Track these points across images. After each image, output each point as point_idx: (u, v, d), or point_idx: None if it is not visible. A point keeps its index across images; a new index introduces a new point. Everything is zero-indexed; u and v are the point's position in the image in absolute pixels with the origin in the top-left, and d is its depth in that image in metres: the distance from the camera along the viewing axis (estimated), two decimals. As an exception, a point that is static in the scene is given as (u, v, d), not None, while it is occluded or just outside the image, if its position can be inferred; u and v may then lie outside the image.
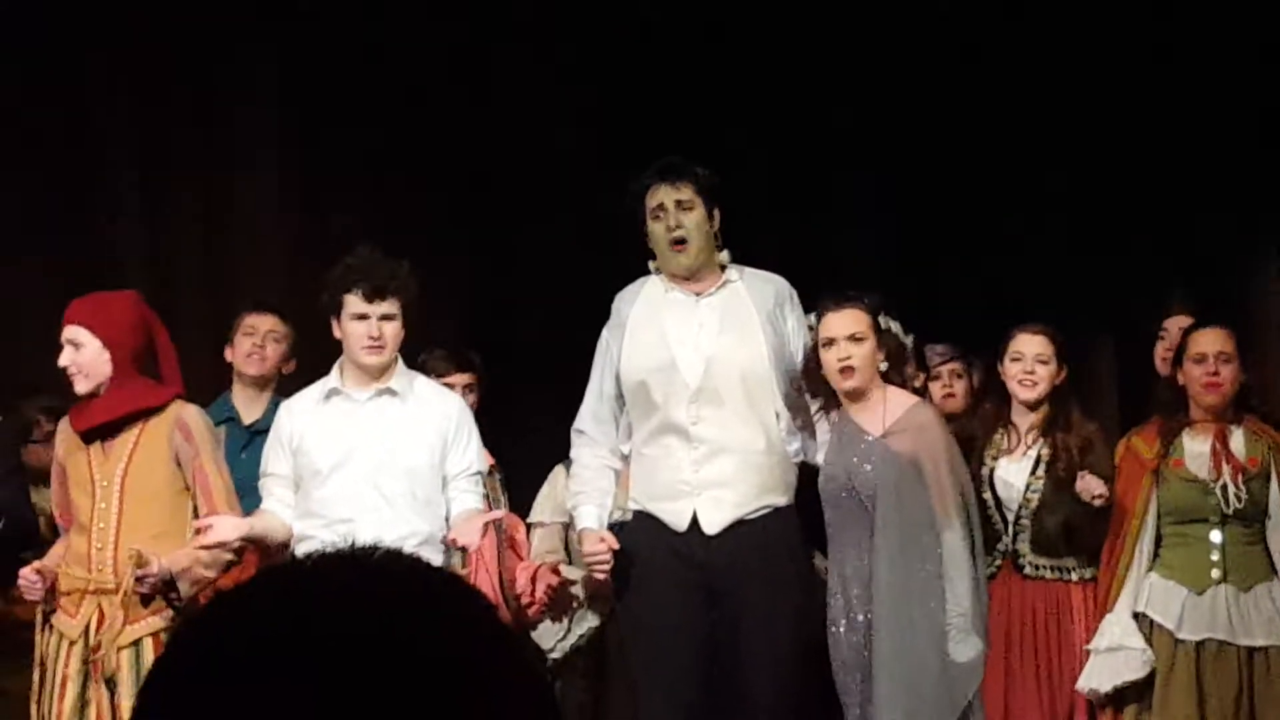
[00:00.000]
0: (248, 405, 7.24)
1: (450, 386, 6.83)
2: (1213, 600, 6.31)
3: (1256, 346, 7.68)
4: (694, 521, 6.09)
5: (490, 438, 6.53)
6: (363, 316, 6.24)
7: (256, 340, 7.27)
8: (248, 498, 6.43)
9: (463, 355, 7.22)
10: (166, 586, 6.11)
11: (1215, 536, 6.36)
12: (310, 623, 1.26)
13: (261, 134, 8.71)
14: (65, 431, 6.39)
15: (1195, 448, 6.45)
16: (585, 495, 6.26)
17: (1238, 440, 6.45)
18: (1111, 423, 7.34)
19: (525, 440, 7.54)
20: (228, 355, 7.35)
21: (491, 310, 8.67)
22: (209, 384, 7.33)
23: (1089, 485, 6.40)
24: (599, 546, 6.07)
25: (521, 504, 7.16)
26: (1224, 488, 6.37)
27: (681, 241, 6.18)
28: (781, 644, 6.02)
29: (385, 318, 6.24)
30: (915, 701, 5.96)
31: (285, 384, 7.19)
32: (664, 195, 6.21)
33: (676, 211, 6.19)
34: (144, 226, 8.65)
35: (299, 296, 6.71)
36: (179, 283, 8.59)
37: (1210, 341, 6.47)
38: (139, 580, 6.04)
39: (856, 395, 6.19)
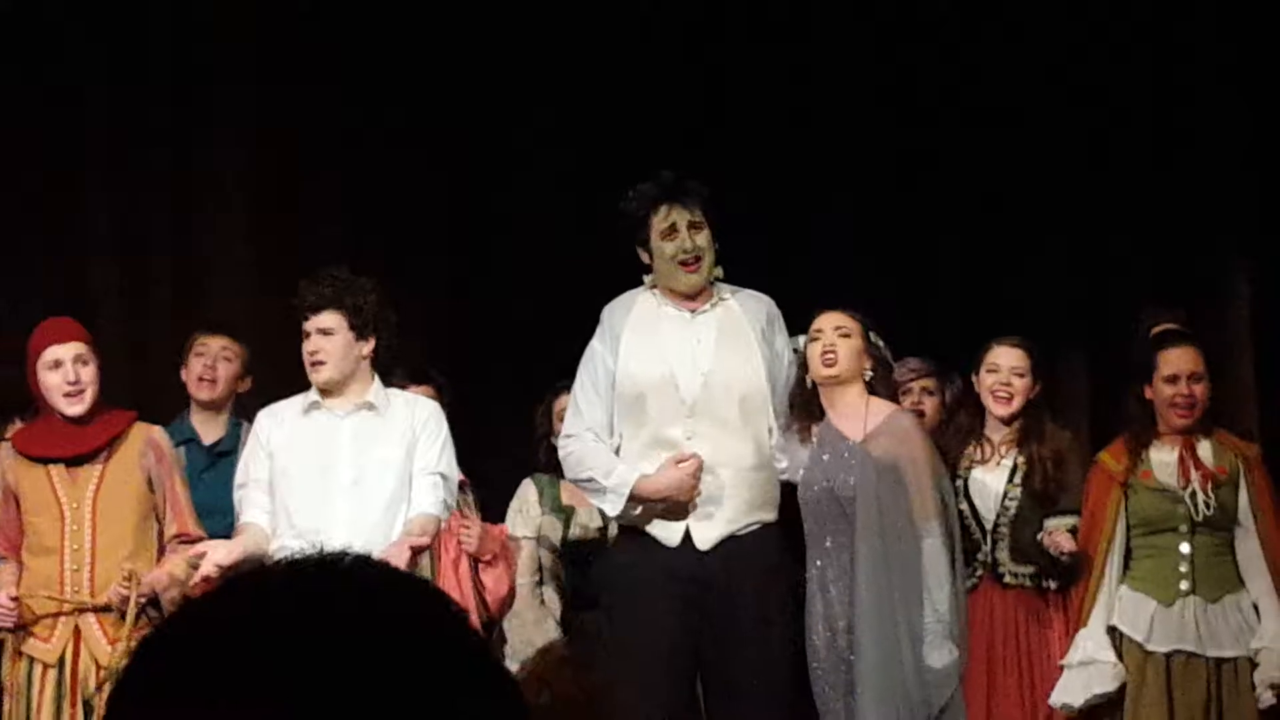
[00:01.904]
0: (205, 426, 7.18)
1: None
2: (1181, 612, 6.32)
3: (1226, 359, 7.71)
4: (686, 537, 6.10)
5: (461, 454, 6.53)
6: (306, 334, 6.26)
7: (207, 361, 7.18)
8: (211, 519, 6.44)
9: (420, 369, 7.19)
10: (151, 605, 6.13)
11: (1184, 547, 6.37)
12: (277, 629, 1.26)
13: (234, 157, 8.68)
14: (11, 457, 6.37)
15: (1162, 457, 6.46)
16: (607, 465, 6.17)
17: (1206, 450, 6.46)
18: (1083, 436, 7.34)
19: (497, 457, 7.55)
20: (183, 376, 7.29)
21: (462, 325, 8.65)
22: (181, 406, 7.32)
23: (1058, 542, 6.41)
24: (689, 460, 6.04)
25: (494, 520, 7.16)
26: (1193, 495, 6.37)
27: (695, 260, 6.20)
28: (775, 657, 6.05)
29: (323, 332, 6.22)
30: (893, 706, 5.97)
31: (243, 403, 7.17)
32: (676, 216, 6.22)
33: (689, 233, 6.21)
34: (115, 256, 8.61)
35: (273, 319, 6.68)
36: (149, 307, 8.55)
37: (1183, 362, 6.47)
38: (124, 599, 6.05)
39: (837, 391, 6.21)
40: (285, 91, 8.59)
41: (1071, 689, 6.34)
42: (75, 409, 6.26)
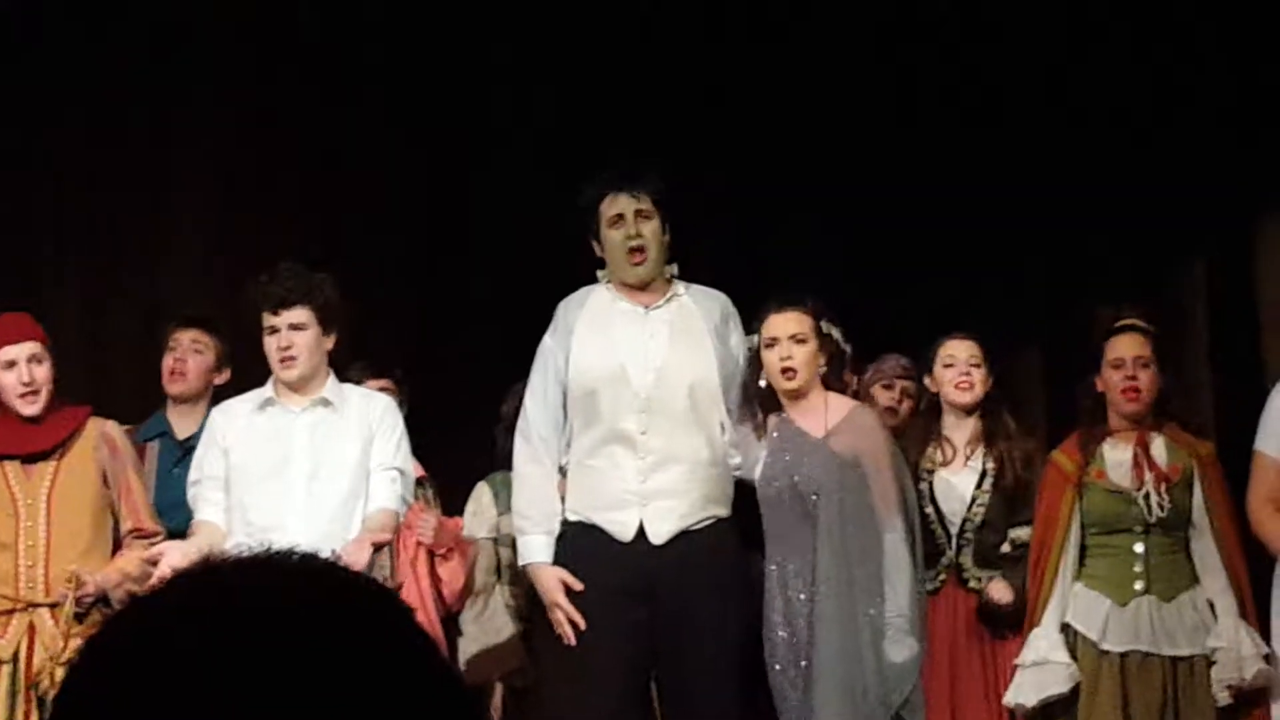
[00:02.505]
0: (181, 420, 7.17)
1: None
2: (1136, 611, 6.33)
3: (1182, 356, 7.73)
4: (640, 531, 6.10)
5: (421, 449, 6.52)
6: (273, 330, 6.24)
7: (178, 354, 7.17)
8: (180, 513, 6.42)
9: (379, 363, 7.18)
10: (100, 603, 6.11)
11: (1138, 547, 6.38)
12: (221, 627, 1.26)
13: (198, 151, 8.65)
14: None
15: (1116, 457, 6.48)
16: (533, 522, 6.23)
17: (1159, 448, 6.47)
18: (1039, 434, 7.36)
19: (457, 451, 7.54)
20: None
21: (424, 320, 8.64)
22: (142, 404, 7.30)
23: (997, 594, 6.42)
24: (564, 602, 6.06)
25: (453, 514, 7.16)
26: (1146, 496, 6.38)
27: (640, 250, 6.18)
28: (728, 654, 6.04)
29: (294, 327, 6.21)
30: (853, 701, 5.98)
31: (221, 395, 7.15)
32: (624, 204, 6.21)
33: (636, 220, 6.19)
34: (76, 245, 8.59)
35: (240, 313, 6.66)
36: (112, 304, 8.53)
37: (1128, 347, 6.49)
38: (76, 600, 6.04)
39: (797, 397, 6.22)
40: (253, 81, 8.56)
41: (1025, 689, 6.35)
42: (30, 409, 6.25)
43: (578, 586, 6.07)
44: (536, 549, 6.21)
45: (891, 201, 8.69)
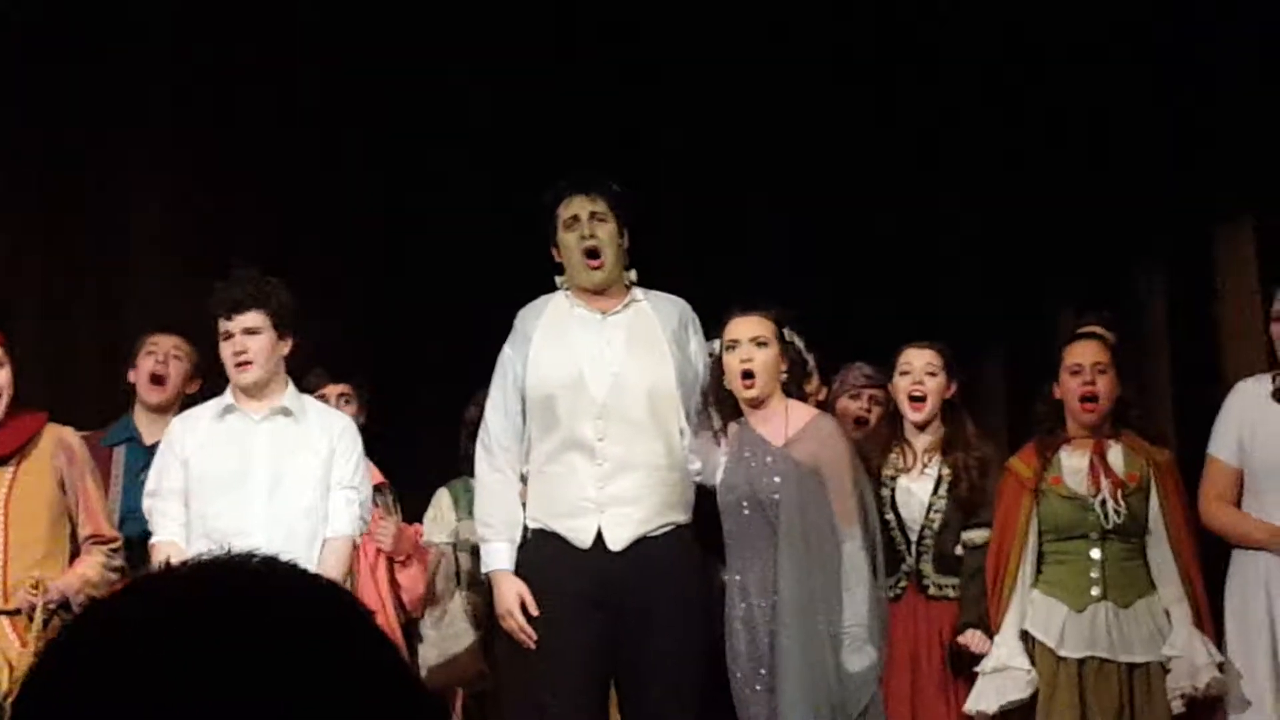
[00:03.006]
0: (150, 426, 7.14)
1: (324, 398, 6.83)
2: (1093, 618, 6.35)
3: (1143, 360, 7.76)
4: (598, 538, 6.10)
5: (383, 455, 6.52)
6: (228, 335, 6.24)
7: (159, 358, 7.18)
8: (145, 520, 6.41)
9: (338, 368, 7.17)
10: (62, 609, 6.09)
11: (1095, 554, 6.40)
12: (182, 631, 1.26)
13: (157, 153, 8.62)
14: None
15: (1073, 464, 6.50)
16: (495, 530, 6.24)
17: (1116, 455, 6.50)
18: (1000, 441, 7.37)
19: (418, 457, 7.54)
20: (130, 377, 7.26)
21: (385, 326, 8.63)
22: (102, 410, 7.28)
23: (976, 646, 6.43)
24: (518, 612, 6.08)
25: (414, 521, 7.17)
26: (1103, 503, 6.40)
27: (595, 254, 6.19)
28: (686, 661, 6.04)
29: (248, 331, 6.21)
30: (813, 709, 5.98)
31: (190, 404, 7.13)
32: (579, 206, 6.23)
33: (590, 223, 6.21)
34: (38, 250, 8.55)
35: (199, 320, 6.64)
36: (73, 307, 8.50)
37: (1085, 353, 6.52)
38: (31, 606, 6.02)
39: (757, 404, 6.22)
40: (208, 88, 8.54)
41: (985, 695, 6.36)
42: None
43: (534, 610, 6.08)
44: (498, 557, 6.21)
45: (855, 210, 8.70)
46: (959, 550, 6.57)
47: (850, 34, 8.73)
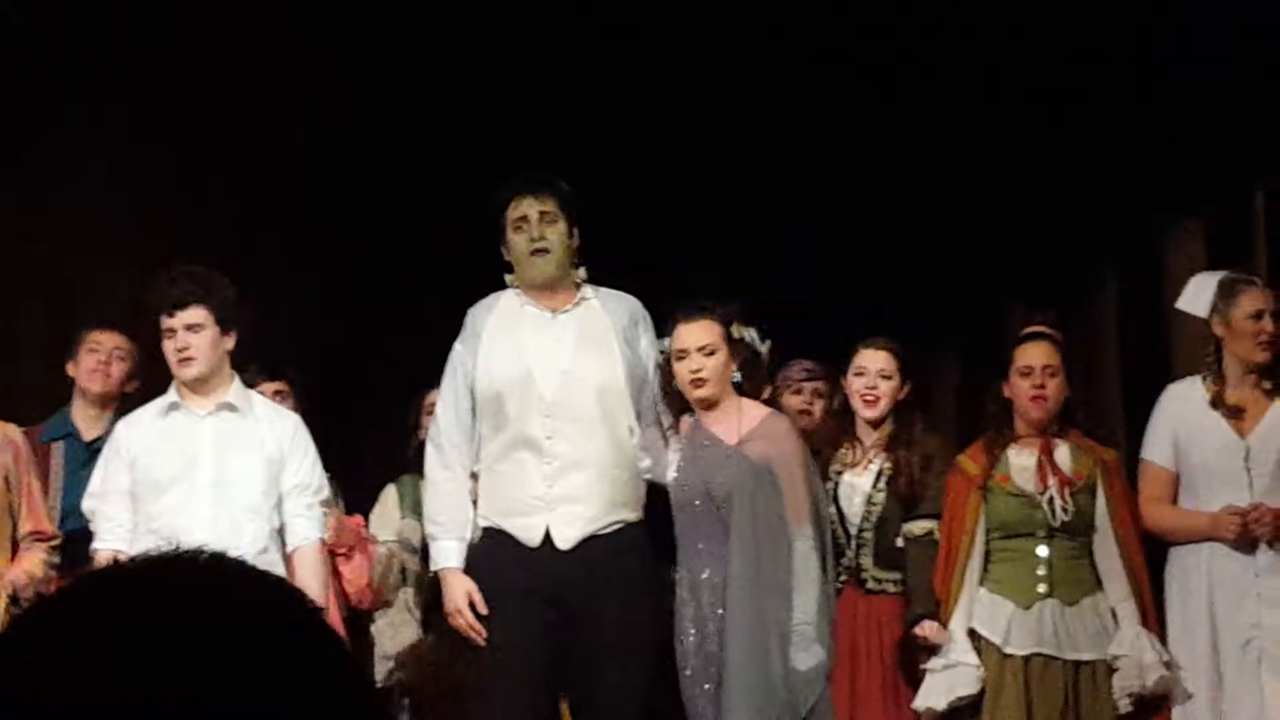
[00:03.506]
0: (89, 423, 7.13)
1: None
2: (1039, 615, 6.38)
3: (1092, 359, 7.79)
4: (547, 537, 6.09)
5: (327, 449, 6.50)
6: (170, 332, 6.21)
7: (101, 357, 7.14)
8: (85, 518, 6.39)
9: (272, 364, 7.14)
10: (11, 602, 6.08)
11: (1042, 551, 6.44)
12: (130, 627, 1.25)
13: (103, 154, 8.58)
14: None
15: (1021, 462, 6.53)
16: (445, 529, 6.25)
17: (1064, 454, 6.53)
18: (952, 437, 7.39)
19: (363, 451, 7.52)
20: (70, 371, 7.22)
21: (334, 320, 8.60)
22: (45, 406, 7.25)
23: (930, 633, 6.44)
24: (466, 609, 6.08)
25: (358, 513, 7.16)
26: (1050, 501, 6.44)
27: (543, 251, 6.20)
28: (636, 659, 6.05)
29: (191, 327, 6.20)
30: (761, 707, 5.99)
31: (127, 403, 7.11)
32: (527, 207, 6.24)
33: (540, 223, 6.22)
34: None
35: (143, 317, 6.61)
36: (19, 303, 8.45)
37: (1036, 355, 6.56)
38: None
39: (709, 405, 6.23)
40: (165, 85, 8.50)
41: (935, 691, 6.39)
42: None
43: (482, 608, 6.08)
44: (448, 554, 6.22)
45: (809, 204, 8.71)
46: (899, 542, 6.58)
47: (807, 31, 8.73)
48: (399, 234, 8.73)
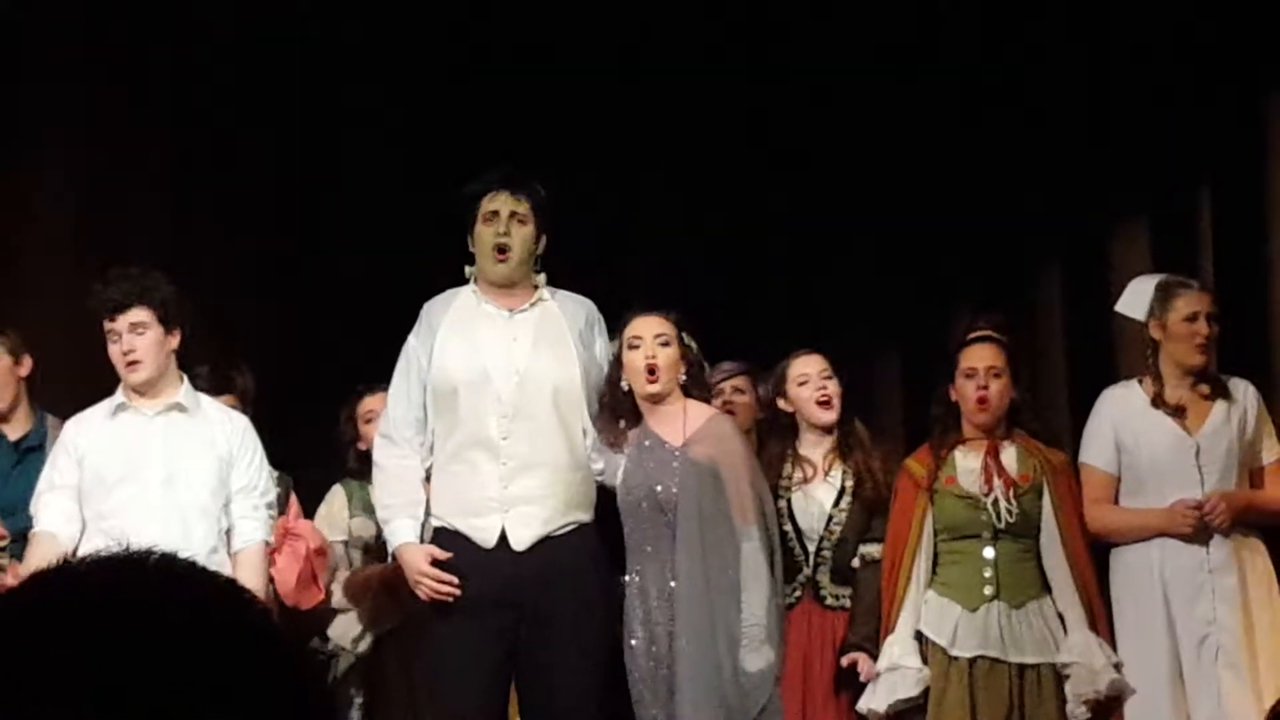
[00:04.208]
0: (10, 422, 7.04)
1: None
2: (985, 617, 6.40)
3: (1038, 360, 7.82)
4: (502, 537, 6.09)
5: (269, 447, 6.48)
6: (115, 335, 6.19)
7: None
8: (20, 515, 6.36)
9: (223, 374, 7.08)
10: None
11: (988, 553, 6.46)
12: (78, 627, 1.26)
13: (52, 155, 8.51)
14: None
15: (967, 464, 6.55)
16: (397, 509, 6.22)
17: (1010, 456, 6.56)
18: (897, 441, 7.41)
19: (307, 451, 7.49)
20: None
21: (280, 316, 8.56)
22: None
23: (861, 668, 6.45)
24: (428, 569, 6.05)
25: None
26: (995, 502, 6.46)
27: (504, 250, 6.19)
28: (589, 660, 6.05)
29: (135, 328, 6.18)
30: (711, 709, 6.00)
31: (43, 393, 7.02)
32: (501, 203, 6.24)
33: (509, 221, 6.22)
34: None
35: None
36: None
37: (980, 357, 6.58)
38: None
39: (658, 401, 6.24)
40: (109, 86, 8.45)
41: (876, 694, 6.40)
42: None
43: (442, 556, 6.06)
44: (403, 532, 6.20)
45: (746, 209, 8.71)
46: (855, 563, 6.59)
47: (742, 26, 8.73)
48: (344, 228, 8.68)
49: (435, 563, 6.10)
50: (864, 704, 6.41)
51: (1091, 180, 8.30)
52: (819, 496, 6.63)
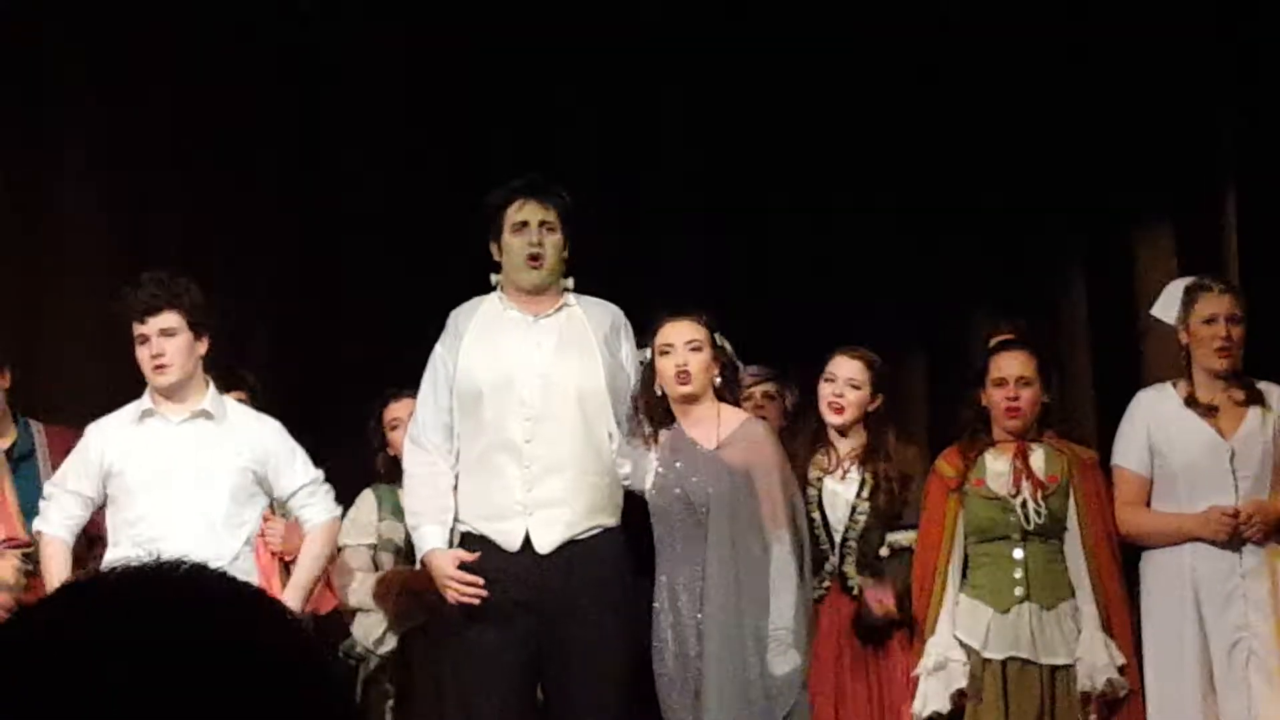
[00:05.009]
0: None
1: None
2: (1016, 619, 6.39)
3: (1064, 361, 7.80)
4: (526, 541, 6.09)
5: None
6: (143, 339, 6.19)
7: None
8: (27, 521, 6.36)
9: (232, 372, 7.10)
10: None
11: (1017, 554, 6.45)
12: (113, 636, 1.25)
13: (77, 165, 8.52)
14: None
15: (996, 466, 6.54)
16: (425, 515, 6.24)
17: (1038, 458, 6.54)
18: (922, 442, 7.39)
19: (336, 457, 7.49)
20: None
21: (309, 328, 8.57)
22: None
23: (877, 598, 6.45)
24: (456, 573, 6.05)
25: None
26: (1023, 504, 6.46)
27: (539, 258, 6.20)
28: (613, 663, 6.06)
29: (164, 332, 6.18)
30: (739, 712, 6.00)
31: (20, 399, 6.99)
32: (530, 212, 6.25)
33: (539, 230, 6.23)
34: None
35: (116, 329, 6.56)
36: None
37: (1011, 365, 6.57)
38: None
39: (690, 402, 6.24)
40: (129, 95, 8.46)
41: (935, 694, 6.37)
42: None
43: (469, 559, 6.06)
44: (431, 538, 6.21)
45: (776, 212, 8.70)
46: (884, 552, 6.59)
47: (769, 29, 8.72)
48: (364, 239, 8.67)
49: (463, 566, 6.10)
50: (920, 709, 6.37)
51: (1118, 183, 8.28)
52: (843, 490, 6.63)
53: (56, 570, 6.07)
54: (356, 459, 7.29)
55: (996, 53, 8.46)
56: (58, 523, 6.20)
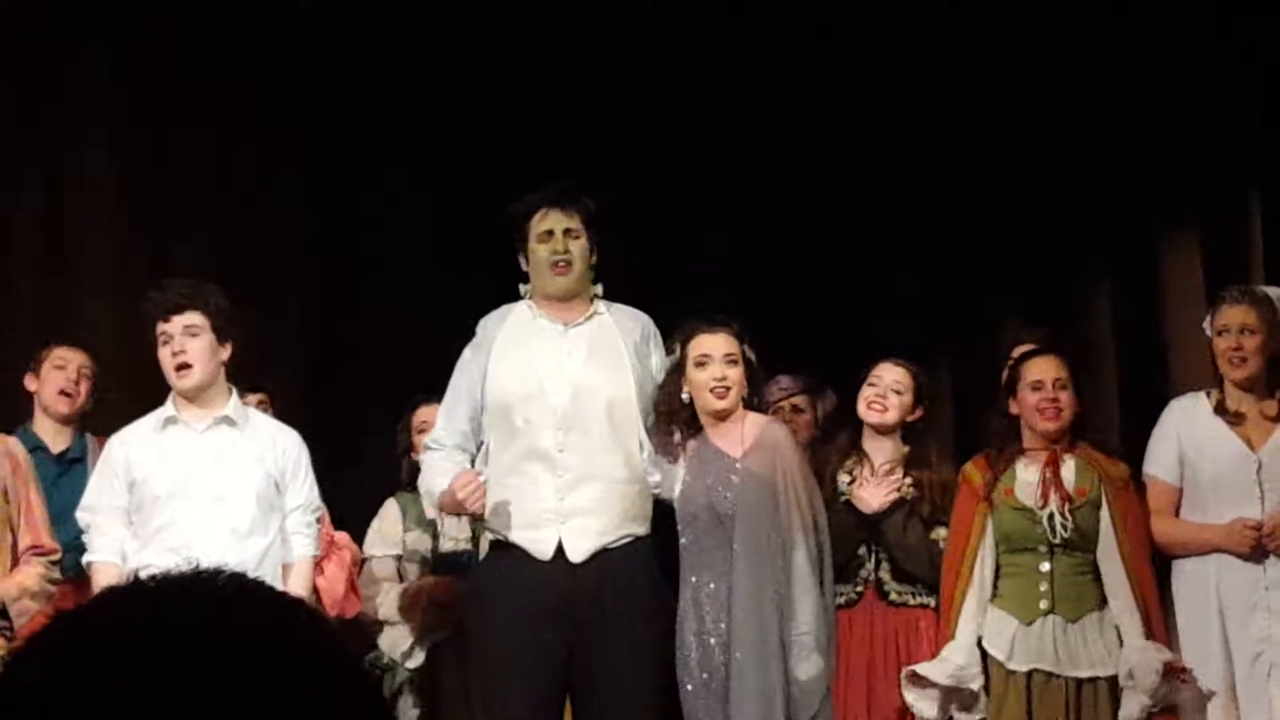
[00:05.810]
0: (54, 435, 7.14)
1: None
2: (1041, 631, 6.38)
3: (1090, 370, 7.79)
4: (559, 550, 6.09)
5: (318, 464, 6.49)
6: (166, 338, 6.19)
7: (70, 375, 7.15)
8: (64, 526, 6.37)
9: (251, 376, 7.10)
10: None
11: (1044, 566, 6.43)
12: (152, 644, 1.25)
13: (97, 163, 8.55)
14: None
15: (1026, 477, 6.53)
16: (441, 481, 6.10)
17: (1069, 470, 6.52)
18: (946, 446, 7.39)
19: (359, 467, 7.50)
20: (29, 384, 7.22)
21: (333, 335, 8.58)
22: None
23: (862, 497, 6.46)
24: (472, 478, 5.97)
25: (354, 532, 7.15)
26: (1050, 517, 6.44)
27: (566, 265, 6.20)
28: (644, 672, 6.05)
29: (188, 331, 6.18)
30: (764, 718, 6.00)
31: (89, 416, 7.14)
32: (554, 221, 6.25)
33: (564, 238, 6.23)
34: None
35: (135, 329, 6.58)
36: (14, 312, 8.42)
37: (1046, 369, 6.55)
38: None
39: (722, 417, 6.23)
40: (150, 101, 8.48)
41: (932, 702, 6.37)
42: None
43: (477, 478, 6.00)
44: (442, 483, 6.11)
45: (800, 220, 8.71)
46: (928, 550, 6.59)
47: (794, 35, 8.73)
48: (387, 248, 8.69)
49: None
50: (914, 700, 6.37)
51: (1141, 191, 8.27)
52: (878, 498, 6.62)
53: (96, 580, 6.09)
54: (380, 466, 7.31)
55: (1020, 58, 8.46)
56: (104, 548, 6.20)
